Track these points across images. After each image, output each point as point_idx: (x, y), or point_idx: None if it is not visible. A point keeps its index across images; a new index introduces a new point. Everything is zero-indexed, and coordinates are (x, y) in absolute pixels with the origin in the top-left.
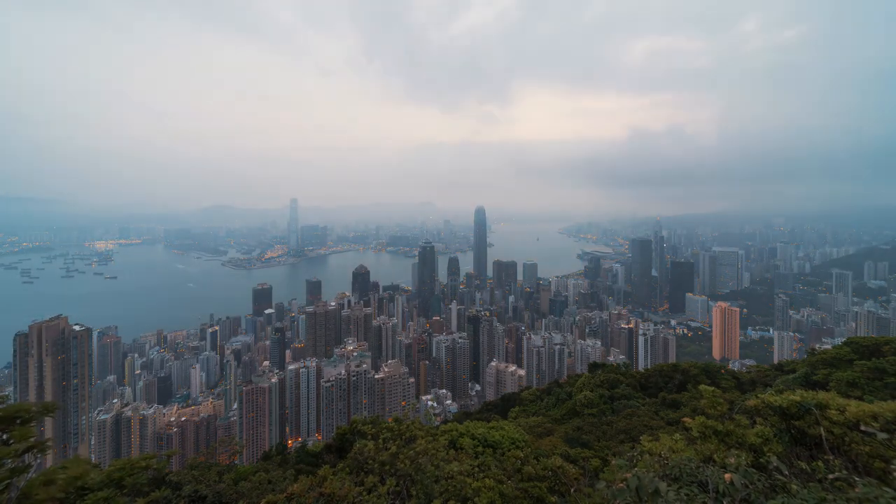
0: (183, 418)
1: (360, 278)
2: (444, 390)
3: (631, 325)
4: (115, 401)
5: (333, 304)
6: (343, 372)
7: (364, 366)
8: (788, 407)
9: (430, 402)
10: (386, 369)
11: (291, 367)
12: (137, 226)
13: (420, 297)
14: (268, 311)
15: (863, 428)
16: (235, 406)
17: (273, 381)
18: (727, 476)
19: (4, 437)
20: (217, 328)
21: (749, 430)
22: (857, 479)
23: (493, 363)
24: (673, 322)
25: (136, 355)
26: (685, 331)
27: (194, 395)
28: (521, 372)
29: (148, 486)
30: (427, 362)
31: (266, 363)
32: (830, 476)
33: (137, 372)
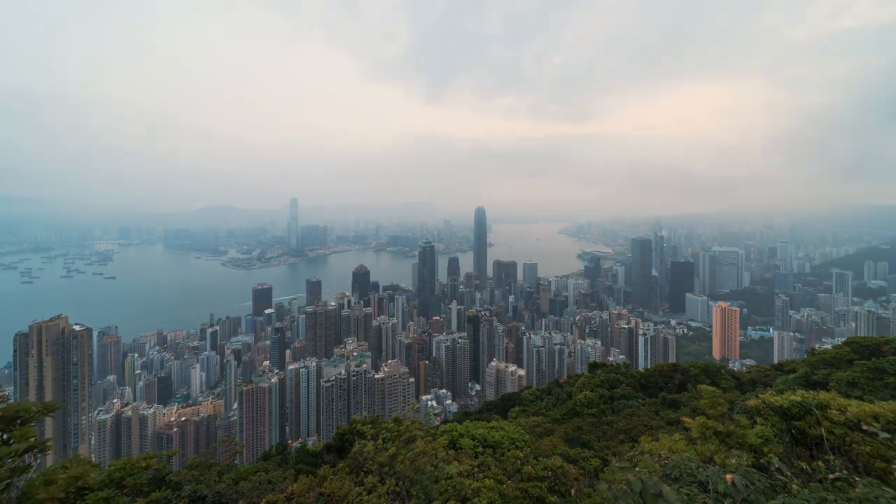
0: (183, 418)
1: (360, 278)
2: (444, 390)
3: (631, 325)
4: (115, 401)
5: (333, 303)
6: (343, 372)
7: (364, 366)
8: (789, 407)
9: (430, 402)
10: (386, 369)
11: (291, 367)
12: (137, 226)
13: (420, 297)
14: (268, 311)
15: (864, 428)
16: (235, 406)
17: (273, 381)
18: (728, 476)
19: (5, 436)
20: (217, 328)
21: (749, 430)
22: (857, 479)
23: (493, 363)
24: (673, 322)
25: (136, 355)
26: (685, 331)
27: (194, 395)
28: (521, 372)
29: (148, 486)
30: (427, 362)
31: (266, 363)
32: (831, 476)
33: (137, 372)
